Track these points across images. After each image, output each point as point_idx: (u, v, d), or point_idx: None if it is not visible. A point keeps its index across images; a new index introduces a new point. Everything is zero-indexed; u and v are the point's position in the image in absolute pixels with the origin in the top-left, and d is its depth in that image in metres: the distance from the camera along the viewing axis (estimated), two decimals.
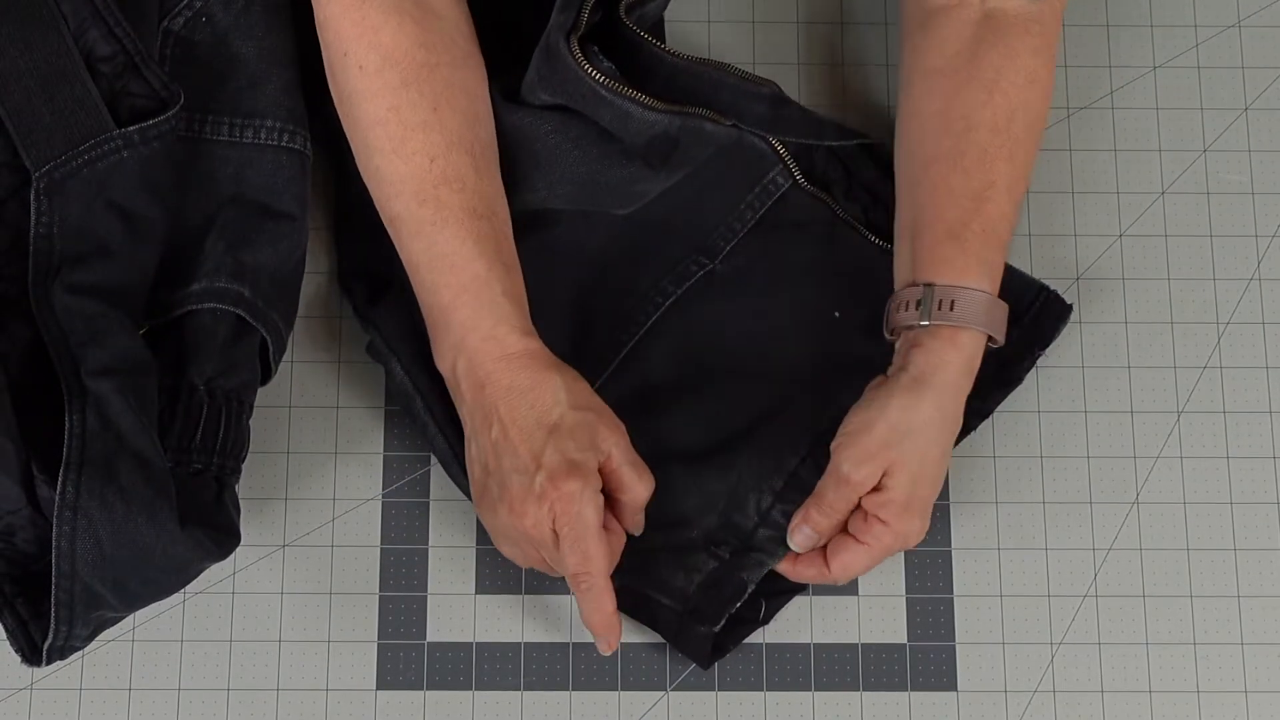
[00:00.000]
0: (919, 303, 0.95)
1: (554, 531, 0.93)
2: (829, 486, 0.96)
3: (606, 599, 0.94)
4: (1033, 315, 1.04)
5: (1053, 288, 1.05)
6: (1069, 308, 1.04)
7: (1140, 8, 1.14)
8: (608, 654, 0.97)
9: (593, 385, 0.99)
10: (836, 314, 1.03)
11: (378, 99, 0.95)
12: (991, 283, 0.96)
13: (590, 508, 0.92)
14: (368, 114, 0.96)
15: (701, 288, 1.05)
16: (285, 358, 1.03)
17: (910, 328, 0.96)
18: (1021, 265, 1.08)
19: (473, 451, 0.96)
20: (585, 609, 0.95)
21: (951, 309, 0.95)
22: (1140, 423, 1.06)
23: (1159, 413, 1.06)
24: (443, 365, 0.97)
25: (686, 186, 1.05)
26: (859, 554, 0.96)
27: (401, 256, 0.98)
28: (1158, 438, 1.06)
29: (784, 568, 0.99)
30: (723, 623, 0.98)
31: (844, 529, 0.97)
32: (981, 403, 1.02)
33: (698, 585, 0.99)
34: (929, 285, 0.95)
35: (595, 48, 1.03)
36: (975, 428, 1.03)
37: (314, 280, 1.07)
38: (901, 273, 0.98)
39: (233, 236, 0.99)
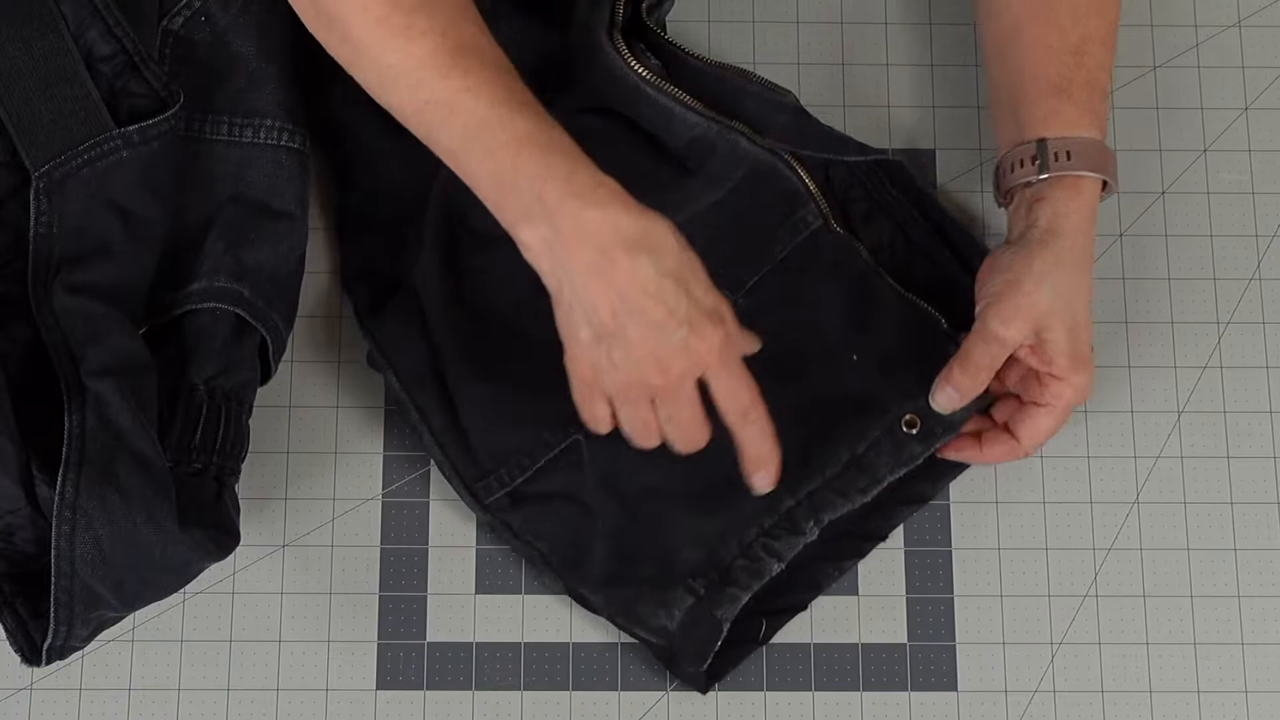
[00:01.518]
0: (1034, 158, 0.97)
1: (694, 382, 0.91)
2: (975, 345, 0.96)
3: (772, 426, 0.94)
4: None
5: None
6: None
7: (1140, 8, 1.14)
8: (769, 488, 0.95)
9: None
10: (855, 357, 1.02)
11: (369, 2, 0.90)
12: (1101, 131, 0.99)
13: (734, 349, 0.92)
14: (363, 19, 0.90)
15: None
16: (285, 358, 1.03)
17: (1028, 184, 0.98)
18: None
19: (577, 315, 0.90)
20: (753, 439, 0.93)
21: (1069, 159, 0.97)
22: (1140, 423, 1.06)
23: (1159, 413, 1.06)
24: (523, 229, 0.89)
25: (715, 213, 1.03)
26: (1042, 417, 0.98)
27: (440, 145, 0.91)
28: (1158, 438, 1.06)
29: (968, 453, 1.00)
30: (708, 661, 0.97)
31: (1019, 400, 0.99)
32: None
33: (678, 624, 0.97)
34: (1041, 140, 0.98)
35: (642, 45, 1.03)
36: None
37: (314, 280, 1.07)
38: (1006, 135, 1.00)
39: (232, 236, 0.99)
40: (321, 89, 1.06)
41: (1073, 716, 1.01)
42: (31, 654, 0.91)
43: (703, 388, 0.93)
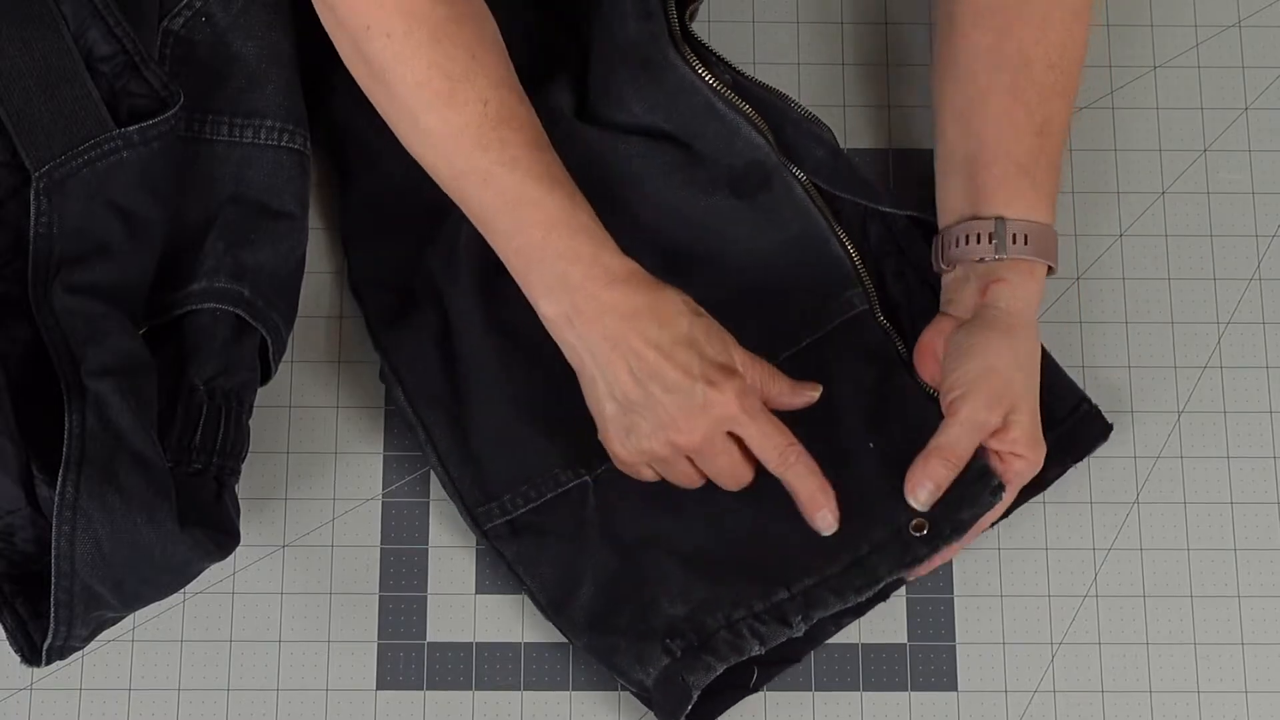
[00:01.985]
0: (991, 235, 0.98)
1: (729, 436, 0.93)
2: (958, 437, 0.95)
3: (814, 463, 0.95)
4: (1069, 426, 1.02)
5: (1095, 402, 1.03)
6: (1109, 427, 1.03)
7: (1140, 8, 1.14)
8: (834, 527, 0.95)
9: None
10: (871, 444, 1.00)
11: (414, 60, 0.92)
12: (1053, 215, 1.00)
13: (755, 397, 0.94)
14: (407, 77, 0.93)
15: None
16: (285, 358, 1.03)
17: (980, 260, 0.99)
18: None
19: (600, 389, 0.94)
20: (801, 479, 0.94)
21: (1026, 243, 0.98)
22: (1140, 422, 1.06)
23: (1159, 412, 1.06)
24: (545, 303, 0.94)
25: (765, 273, 1.03)
26: (1004, 497, 0.97)
27: (470, 211, 0.95)
28: (1158, 437, 1.06)
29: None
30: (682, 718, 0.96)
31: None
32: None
33: (653, 681, 0.96)
34: (1000, 219, 0.98)
35: (715, 55, 1.03)
36: (993, 526, 1.01)
37: (314, 280, 1.07)
38: (954, 205, 1.01)
39: (232, 236, 0.99)
40: (322, 89, 1.06)
41: (1073, 716, 1.01)
42: (31, 654, 0.91)
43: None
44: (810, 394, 0.97)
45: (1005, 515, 1.01)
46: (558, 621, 0.99)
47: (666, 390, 0.92)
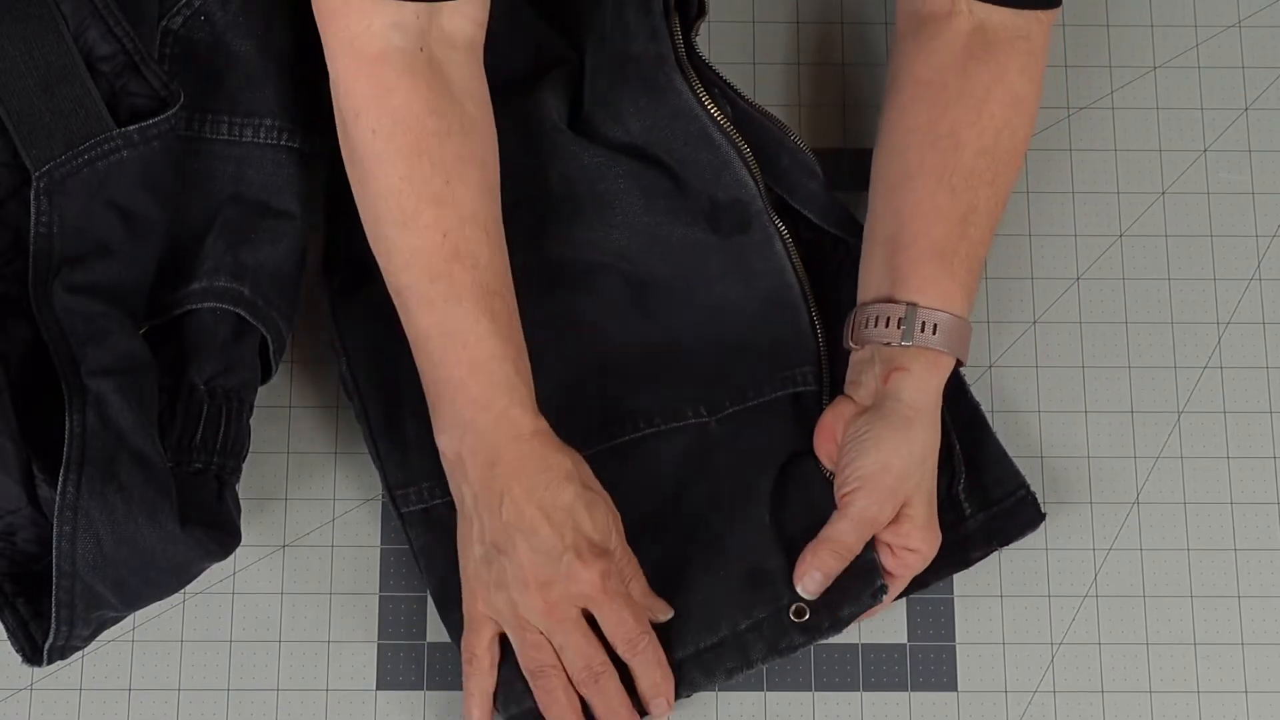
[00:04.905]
0: (900, 321, 0.96)
1: (580, 611, 0.93)
2: (849, 531, 0.95)
3: (661, 653, 0.95)
4: (1004, 508, 1.01)
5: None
6: (1042, 516, 1.02)
7: (1140, 8, 1.14)
8: (666, 714, 0.95)
9: None
10: (768, 518, 0.99)
11: (390, 166, 0.93)
12: (969, 307, 0.97)
13: (618, 580, 0.93)
14: (379, 181, 0.94)
15: (691, 436, 1.01)
16: (285, 357, 1.03)
17: (887, 344, 0.96)
18: (1021, 266, 1.08)
19: (474, 531, 0.95)
20: (647, 666, 0.94)
21: (934, 333, 0.95)
22: (1140, 423, 1.06)
23: (1159, 413, 1.06)
24: (445, 439, 0.95)
25: (727, 324, 1.02)
26: (893, 585, 0.97)
27: (407, 325, 0.96)
28: (1158, 438, 1.06)
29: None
30: None
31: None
32: (925, 574, 0.99)
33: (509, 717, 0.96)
34: (912, 305, 0.96)
35: (721, 82, 1.03)
36: (913, 594, 1.01)
37: (314, 279, 1.07)
38: (874, 284, 0.98)
39: (232, 235, 0.99)
40: (321, 88, 1.06)
41: (1073, 716, 1.01)
42: (32, 654, 0.91)
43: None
44: (660, 613, 0.96)
45: (901, 595, 1.00)
46: (444, 620, 0.99)
47: (533, 549, 0.92)
